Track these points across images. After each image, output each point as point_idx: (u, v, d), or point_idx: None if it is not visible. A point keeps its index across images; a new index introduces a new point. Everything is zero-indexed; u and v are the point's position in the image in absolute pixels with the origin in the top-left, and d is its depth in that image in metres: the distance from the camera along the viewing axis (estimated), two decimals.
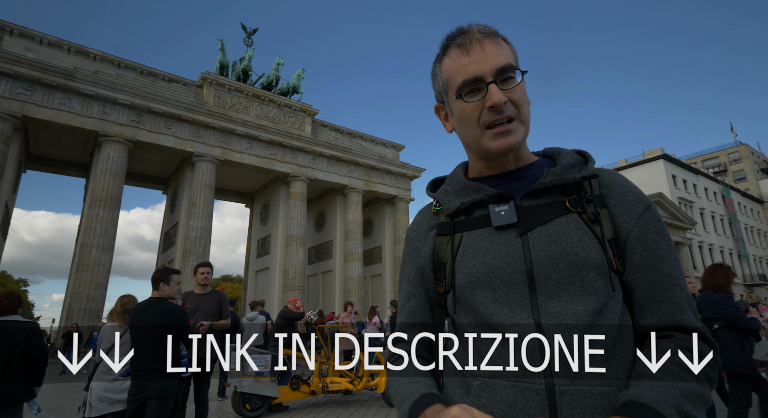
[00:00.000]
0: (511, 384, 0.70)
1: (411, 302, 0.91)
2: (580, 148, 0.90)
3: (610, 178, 0.83)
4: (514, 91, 0.78)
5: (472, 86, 0.79)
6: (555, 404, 0.66)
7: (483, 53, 0.78)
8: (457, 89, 0.81)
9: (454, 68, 0.81)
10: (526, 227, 0.77)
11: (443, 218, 0.89)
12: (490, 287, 0.77)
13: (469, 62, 0.79)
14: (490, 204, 0.82)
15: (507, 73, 0.78)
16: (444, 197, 0.90)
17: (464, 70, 0.79)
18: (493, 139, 0.79)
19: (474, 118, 0.80)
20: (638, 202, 0.79)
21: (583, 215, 0.77)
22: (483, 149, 0.82)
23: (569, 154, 0.85)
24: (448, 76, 0.83)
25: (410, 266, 0.93)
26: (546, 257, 0.74)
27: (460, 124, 0.85)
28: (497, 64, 0.78)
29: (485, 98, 0.78)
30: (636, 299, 0.76)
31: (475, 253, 0.80)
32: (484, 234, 0.81)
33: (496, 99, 0.76)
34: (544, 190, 0.80)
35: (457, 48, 0.81)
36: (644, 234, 0.76)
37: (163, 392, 3.40)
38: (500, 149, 0.79)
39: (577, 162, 0.83)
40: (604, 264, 0.74)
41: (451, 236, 0.85)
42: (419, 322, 0.90)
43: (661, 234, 0.77)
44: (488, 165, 0.87)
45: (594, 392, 0.66)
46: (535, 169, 0.85)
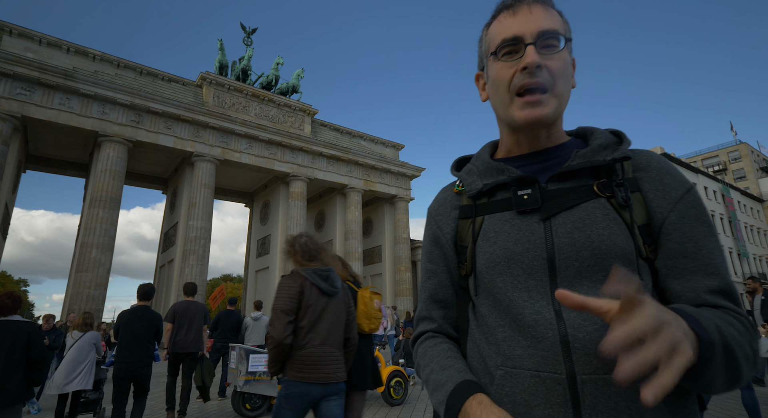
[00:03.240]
0: (532, 374, 0.68)
1: (432, 280, 0.90)
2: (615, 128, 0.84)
3: (647, 159, 0.77)
4: (553, 58, 0.74)
5: (511, 47, 0.76)
6: (577, 393, 0.64)
7: (529, 15, 0.75)
8: (496, 47, 0.78)
9: (498, 29, 0.79)
10: (550, 211, 0.74)
11: (465, 200, 0.86)
12: (510, 273, 0.74)
13: (513, 22, 0.76)
14: (513, 187, 0.78)
15: (550, 38, 0.74)
16: (467, 177, 0.87)
17: (506, 29, 0.77)
18: (521, 108, 0.75)
19: (506, 80, 0.76)
20: (677, 185, 0.74)
21: (612, 200, 0.73)
22: (510, 118, 0.78)
23: (602, 135, 0.80)
24: (491, 38, 0.80)
25: (432, 244, 0.91)
26: (569, 244, 0.70)
27: (492, 88, 0.81)
28: (541, 27, 0.74)
29: (521, 59, 0.74)
30: (666, 288, 0.72)
31: (496, 237, 0.77)
32: (506, 218, 0.78)
33: (530, 59, 0.72)
34: (571, 173, 0.76)
35: (505, 10, 0.79)
36: (682, 219, 0.71)
37: (148, 374, 4.76)
38: (526, 120, 0.75)
39: (609, 143, 0.78)
40: (631, 252, 0.70)
41: (473, 219, 0.83)
42: (441, 299, 0.89)
43: (701, 220, 0.72)
44: (518, 140, 0.82)
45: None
46: (565, 150, 0.81)
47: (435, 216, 0.92)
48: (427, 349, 0.85)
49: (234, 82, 23.42)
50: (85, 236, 17.56)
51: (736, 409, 5.59)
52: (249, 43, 26.14)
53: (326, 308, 2.63)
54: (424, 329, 0.90)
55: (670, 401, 0.64)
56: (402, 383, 6.61)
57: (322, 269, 2.70)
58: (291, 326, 2.48)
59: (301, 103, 25.66)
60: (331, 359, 2.58)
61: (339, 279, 2.79)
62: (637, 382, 0.63)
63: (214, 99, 22.82)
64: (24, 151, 21.06)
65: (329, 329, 2.61)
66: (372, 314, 3.26)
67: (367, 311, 3.25)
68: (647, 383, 0.47)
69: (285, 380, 2.54)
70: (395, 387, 6.49)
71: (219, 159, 21.69)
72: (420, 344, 0.89)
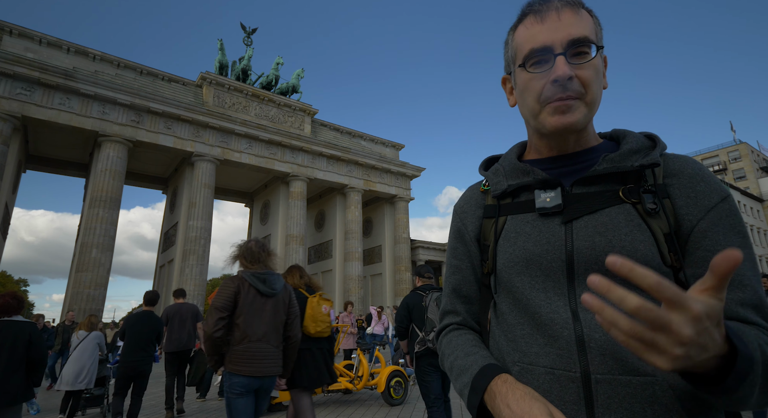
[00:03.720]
0: (547, 371, 0.69)
1: (457, 275, 0.91)
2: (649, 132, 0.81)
3: (681, 165, 0.74)
4: (584, 67, 0.72)
5: (540, 57, 0.74)
6: (591, 392, 0.64)
7: (558, 22, 0.72)
8: (524, 58, 0.76)
9: (525, 36, 0.76)
10: (572, 215, 0.73)
11: (490, 200, 0.87)
12: (528, 273, 0.75)
13: (541, 30, 0.73)
14: (536, 189, 0.78)
15: (580, 46, 0.72)
16: (493, 177, 0.87)
17: (534, 38, 0.74)
18: (550, 114, 0.73)
19: (536, 91, 0.74)
20: (711, 193, 0.70)
21: (638, 206, 0.71)
22: (540, 125, 0.76)
23: (635, 139, 0.77)
24: (518, 45, 0.78)
25: (457, 240, 0.92)
26: (589, 248, 0.70)
27: (521, 97, 0.80)
28: (571, 35, 0.71)
29: (551, 71, 0.72)
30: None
31: (516, 238, 0.78)
32: (528, 219, 0.78)
33: (561, 72, 0.70)
34: (597, 178, 0.74)
35: (532, 15, 0.76)
36: (714, 227, 0.68)
37: (148, 371, 5.18)
38: (556, 127, 0.74)
39: (641, 147, 0.75)
40: (654, 259, 0.67)
41: (496, 219, 0.84)
42: (465, 295, 0.90)
43: (735, 230, 0.68)
44: (547, 144, 0.81)
45: (634, 381, 0.63)
46: (595, 153, 0.79)
47: (460, 213, 0.93)
48: (452, 339, 0.86)
49: (234, 82, 23.42)
50: (85, 235, 17.56)
51: None
52: (249, 43, 26.14)
53: (264, 307, 2.85)
54: (449, 322, 0.91)
55: (689, 409, 0.62)
56: (402, 383, 6.61)
57: (261, 272, 2.92)
58: (222, 322, 2.70)
59: (301, 103, 25.66)
60: (266, 354, 2.79)
61: (280, 281, 3.00)
62: (657, 383, 0.63)
63: (214, 99, 22.82)
64: (24, 151, 21.06)
65: (266, 327, 2.82)
66: (319, 318, 3.48)
67: (314, 315, 3.46)
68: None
69: (226, 373, 2.76)
70: (395, 387, 6.49)
71: (219, 159, 21.69)
72: (444, 336, 0.90)
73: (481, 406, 0.69)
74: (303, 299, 3.58)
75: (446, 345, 0.86)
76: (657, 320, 0.46)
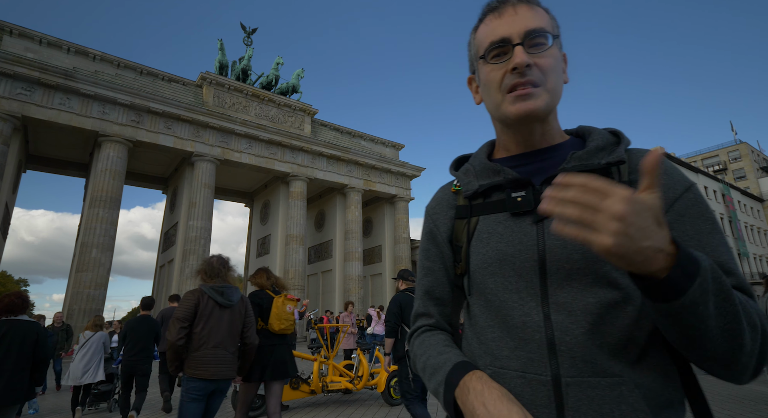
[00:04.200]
0: (519, 375, 0.69)
1: (429, 277, 0.90)
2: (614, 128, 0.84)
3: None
4: (542, 55, 0.75)
5: (499, 49, 0.77)
6: (561, 395, 0.65)
7: (515, 15, 0.76)
8: (484, 51, 0.79)
9: (485, 32, 0.80)
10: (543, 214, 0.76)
11: (462, 200, 0.87)
12: (502, 274, 0.75)
13: (500, 24, 0.77)
14: (507, 189, 0.79)
15: (537, 37, 0.75)
16: (464, 178, 0.88)
17: (493, 32, 0.78)
18: (512, 102, 0.75)
19: (497, 82, 0.77)
20: (675, 185, 0.73)
21: None
22: (503, 115, 0.78)
23: (600, 136, 0.79)
24: (479, 41, 0.81)
25: (429, 242, 0.92)
26: (560, 247, 0.71)
27: (484, 90, 0.82)
28: (527, 26, 0.75)
29: (510, 60, 0.75)
30: None
31: (489, 238, 0.78)
32: (500, 219, 0.79)
33: (519, 60, 0.73)
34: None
35: (491, 13, 0.80)
36: (681, 218, 0.70)
37: (148, 370, 5.68)
38: (518, 114, 0.75)
39: (607, 144, 0.78)
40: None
41: (468, 219, 0.84)
42: (437, 296, 0.89)
43: (703, 217, 0.71)
44: (514, 138, 0.82)
45: (602, 383, 0.64)
46: (562, 150, 0.81)
47: (432, 214, 0.93)
48: (424, 340, 0.86)
49: (234, 82, 23.43)
50: (85, 235, 17.57)
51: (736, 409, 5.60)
52: (249, 43, 26.14)
53: (221, 317, 3.17)
54: (421, 324, 0.91)
55: (654, 405, 0.64)
56: None
57: (219, 286, 3.25)
58: (184, 331, 3.01)
59: (301, 103, 25.66)
60: (222, 359, 3.10)
61: (237, 294, 3.34)
62: (624, 383, 0.64)
63: (214, 99, 22.82)
64: (24, 151, 21.07)
65: (223, 335, 3.13)
66: (283, 316, 3.76)
67: (279, 314, 3.75)
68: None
69: (184, 377, 3.05)
70: (395, 387, 6.49)
71: (219, 159, 21.69)
72: (416, 337, 0.89)
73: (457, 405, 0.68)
74: (269, 298, 3.83)
75: (418, 346, 0.86)
76: (591, 200, 0.52)
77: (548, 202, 0.55)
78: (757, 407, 5.71)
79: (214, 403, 3.19)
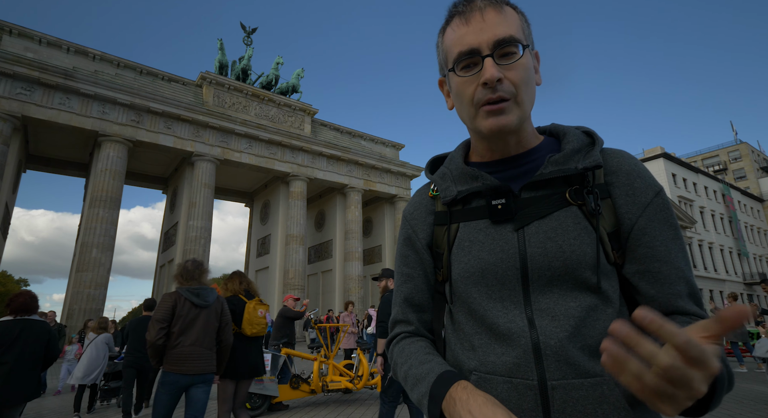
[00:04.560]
0: (506, 380, 0.70)
1: (409, 284, 0.88)
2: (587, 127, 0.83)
3: (618, 163, 0.77)
4: (512, 67, 0.72)
5: (468, 60, 0.74)
6: (547, 399, 0.66)
7: (482, 23, 0.73)
8: (453, 62, 0.76)
9: (453, 39, 0.76)
10: (523, 221, 0.74)
11: (440, 206, 0.85)
12: (484, 283, 0.75)
13: (467, 32, 0.74)
14: (487, 196, 0.78)
15: (507, 46, 0.72)
16: (441, 183, 0.86)
17: (461, 41, 0.74)
18: (485, 117, 0.74)
19: (468, 95, 0.75)
20: (646, 189, 0.74)
21: (583, 208, 0.73)
22: (477, 129, 0.77)
23: (575, 137, 0.79)
24: (447, 48, 0.78)
25: (408, 248, 0.90)
26: (541, 255, 0.71)
27: (456, 100, 0.80)
28: (496, 35, 0.72)
29: (480, 74, 0.72)
30: (638, 291, 0.74)
31: (470, 247, 0.78)
32: (480, 227, 0.78)
33: (489, 75, 0.70)
34: (544, 181, 0.76)
35: (458, 17, 0.76)
36: (650, 223, 0.72)
37: (149, 367, 5.84)
38: (491, 130, 0.74)
39: (582, 146, 0.78)
40: (601, 260, 0.71)
41: (448, 226, 0.83)
42: (417, 303, 0.88)
43: (668, 223, 0.73)
44: (488, 147, 0.81)
45: (585, 383, 0.66)
46: (539, 153, 0.80)
47: (410, 220, 0.91)
48: (404, 347, 0.84)
49: (234, 82, 23.42)
50: (85, 235, 17.57)
51: (735, 408, 5.60)
52: (249, 42, 26.14)
53: (198, 317, 3.38)
54: (399, 331, 0.89)
55: (634, 402, 0.65)
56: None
57: (195, 288, 3.46)
58: (163, 331, 3.23)
59: (301, 103, 25.65)
60: (198, 356, 3.32)
61: (213, 295, 3.54)
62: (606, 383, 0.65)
63: (214, 99, 22.82)
64: (24, 150, 21.07)
65: (199, 333, 3.34)
66: (254, 321, 3.94)
67: (251, 319, 3.93)
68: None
69: (162, 371, 3.27)
70: None
71: (219, 159, 21.69)
72: (396, 345, 0.87)
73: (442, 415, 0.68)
74: (242, 303, 4.02)
75: (398, 354, 0.84)
76: (682, 379, 0.45)
77: (621, 358, 0.46)
78: (757, 407, 5.71)
79: (198, 395, 3.38)
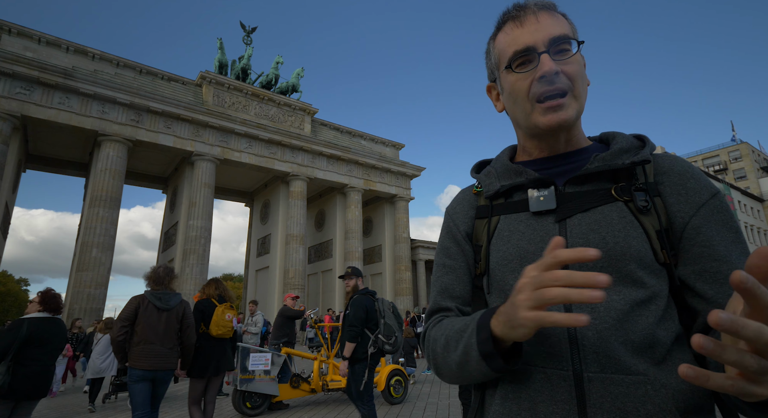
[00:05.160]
0: (539, 370, 0.69)
1: (450, 275, 0.87)
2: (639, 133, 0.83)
3: (671, 163, 0.76)
4: (568, 62, 0.74)
5: (524, 57, 0.76)
6: (583, 391, 0.64)
7: (537, 23, 0.75)
8: (509, 60, 0.78)
9: (506, 41, 0.78)
10: (565, 213, 0.74)
11: (483, 201, 0.87)
12: (521, 271, 0.73)
13: (522, 33, 0.76)
14: (529, 189, 0.79)
15: (561, 43, 0.74)
16: (486, 179, 0.87)
17: (516, 41, 0.76)
18: (543, 113, 0.75)
19: (524, 91, 0.76)
20: (701, 190, 0.72)
21: (630, 204, 0.72)
22: (533, 125, 0.77)
23: (624, 139, 0.79)
24: (500, 50, 0.80)
25: (449, 240, 0.90)
26: (583, 245, 0.70)
27: (509, 99, 0.81)
28: (551, 34, 0.74)
29: (536, 68, 0.74)
30: (696, 293, 0.70)
31: (510, 236, 0.78)
32: (521, 218, 0.79)
33: (547, 67, 0.72)
34: (589, 176, 0.76)
35: (511, 21, 0.79)
36: (706, 223, 0.70)
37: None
38: (550, 125, 0.75)
39: (631, 147, 0.77)
40: (647, 256, 0.69)
41: (488, 219, 0.83)
42: (457, 295, 0.86)
43: (727, 226, 0.70)
44: (538, 145, 0.82)
45: (626, 380, 0.63)
46: (586, 154, 0.80)
47: (452, 214, 0.92)
48: (443, 323, 0.80)
49: (234, 82, 23.41)
50: (85, 235, 17.56)
51: None
52: (248, 42, 26.12)
53: (160, 318, 3.76)
54: (439, 315, 0.86)
55: (683, 409, 0.62)
56: (402, 382, 6.61)
57: (159, 292, 3.85)
58: (125, 330, 3.64)
59: (300, 103, 25.64)
60: (158, 353, 3.67)
61: (176, 299, 3.93)
62: (649, 382, 0.62)
63: (213, 98, 22.81)
64: (24, 150, 21.05)
65: (160, 334, 3.70)
66: (221, 324, 4.31)
67: (218, 321, 4.30)
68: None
69: (129, 367, 3.67)
70: (395, 386, 6.49)
71: (219, 158, 21.68)
72: (433, 327, 0.83)
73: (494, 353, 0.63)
74: (212, 306, 4.40)
75: (436, 329, 0.80)
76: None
77: (715, 349, 0.41)
78: None
79: (158, 390, 3.78)
